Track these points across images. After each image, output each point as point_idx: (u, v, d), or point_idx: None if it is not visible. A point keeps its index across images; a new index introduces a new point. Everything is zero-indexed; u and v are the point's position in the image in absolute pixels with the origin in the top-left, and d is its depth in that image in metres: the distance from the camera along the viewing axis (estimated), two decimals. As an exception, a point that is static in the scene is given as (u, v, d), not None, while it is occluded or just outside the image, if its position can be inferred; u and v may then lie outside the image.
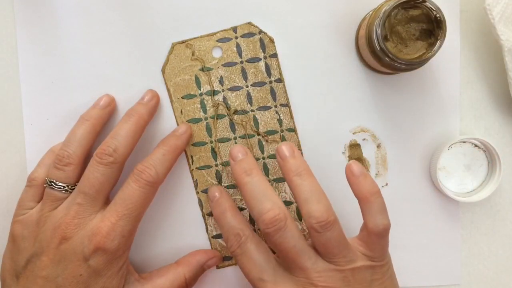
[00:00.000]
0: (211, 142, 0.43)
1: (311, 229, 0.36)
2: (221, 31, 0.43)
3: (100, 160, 0.38)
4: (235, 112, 0.43)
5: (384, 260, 0.37)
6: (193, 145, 0.43)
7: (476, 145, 0.43)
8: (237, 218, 0.39)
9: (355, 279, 0.36)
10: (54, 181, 0.39)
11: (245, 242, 0.38)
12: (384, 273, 0.37)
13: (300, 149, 0.44)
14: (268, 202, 0.36)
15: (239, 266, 0.38)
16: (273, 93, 0.43)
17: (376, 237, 0.36)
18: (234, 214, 0.39)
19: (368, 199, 0.36)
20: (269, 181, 0.44)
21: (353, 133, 0.44)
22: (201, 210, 0.44)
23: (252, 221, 0.44)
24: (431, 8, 0.37)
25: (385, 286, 0.37)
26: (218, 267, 0.45)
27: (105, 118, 0.42)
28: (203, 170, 0.44)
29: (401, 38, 0.38)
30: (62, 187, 0.39)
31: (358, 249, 0.37)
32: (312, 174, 0.37)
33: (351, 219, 0.44)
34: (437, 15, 0.37)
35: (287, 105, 0.43)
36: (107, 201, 0.40)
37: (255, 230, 0.43)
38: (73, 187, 0.39)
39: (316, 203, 0.36)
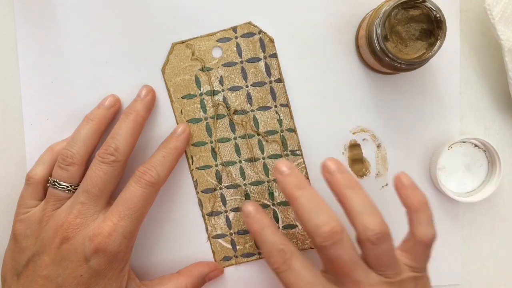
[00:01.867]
0: (211, 142, 0.43)
1: (366, 242, 0.35)
2: (221, 31, 0.43)
3: (102, 159, 0.39)
4: (235, 112, 0.43)
5: (425, 271, 0.37)
6: (193, 145, 0.44)
7: (476, 145, 0.43)
8: (278, 234, 0.38)
9: None
10: (57, 180, 0.39)
11: (290, 258, 0.36)
12: (425, 283, 0.37)
13: (300, 149, 0.44)
14: (324, 215, 0.35)
15: (284, 283, 0.36)
16: (273, 93, 0.43)
17: (423, 247, 0.36)
18: (274, 231, 0.38)
19: (418, 209, 0.36)
20: (269, 181, 0.44)
21: (353, 133, 0.44)
22: (201, 210, 0.44)
23: None
24: (431, 8, 0.37)
25: None
26: (218, 267, 0.45)
27: (110, 118, 0.42)
28: (203, 170, 0.44)
29: (401, 38, 0.38)
30: (65, 187, 0.39)
31: (402, 261, 0.37)
32: (363, 188, 0.37)
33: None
34: (437, 15, 0.37)
35: (287, 105, 0.43)
36: (109, 202, 0.40)
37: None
38: (76, 187, 0.40)
39: (372, 215, 0.35)
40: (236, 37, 0.43)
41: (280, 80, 0.43)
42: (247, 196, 0.44)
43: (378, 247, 0.35)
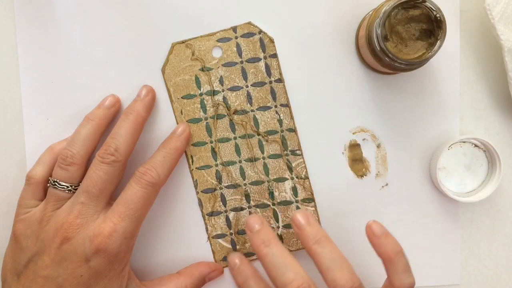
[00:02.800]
0: (211, 142, 0.43)
1: None
2: (221, 31, 0.43)
3: (102, 159, 0.39)
4: (235, 112, 0.43)
5: None
6: (193, 145, 0.44)
7: (476, 145, 0.43)
8: (260, 285, 0.39)
9: None
10: (57, 180, 0.39)
11: None
12: None
13: (300, 149, 0.44)
14: (290, 273, 0.36)
15: None
16: (273, 93, 0.43)
17: None
18: (257, 281, 0.40)
19: (393, 259, 0.37)
20: (269, 181, 0.44)
21: (353, 133, 0.44)
22: (201, 210, 0.44)
23: None
24: (431, 8, 0.37)
25: None
26: (218, 267, 0.45)
27: (110, 118, 0.42)
28: (203, 170, 0.44)
29: (401, 38, 0.38)
30: (65, 187, 0.39)
31: None
32: (331, 240, 0.37)
33: (350, 220, 0.44)
34: (437, 15, 0.37)
35: (287, 105, 0.43)
36: (110, 202, 0.40)
37: None
38: (77, 187, 0.40)
39: (340, 270, 0.36)
40: (236, 37, 0.43)
41: (280, 80, 0.43)
42: (247, 196, 0.44)
43: None
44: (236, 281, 0.41)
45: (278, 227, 0.44)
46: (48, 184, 0.40)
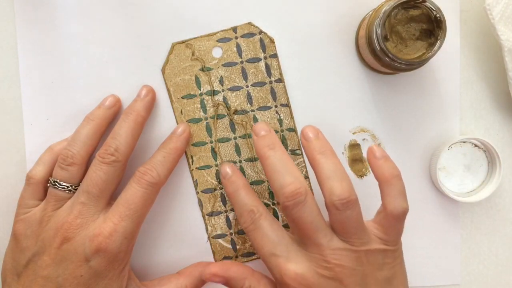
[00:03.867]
0: (211, 142, 0.43)
1: (331, 206, 0.35)
2: (221, 31, 0.43)
3: (102, 159, 0.39)
4: (235, 112, 0.43)
5: (397, 245, 0.37)
6: (193, 145, 0.44)
7: (476, 145, 0.43)
8: (250, 196, 0.39)
9: (368, 260, 0.36)
10: (57, 180, 0.39)
11: (258, 218, 0.38)
12: (396, 257, 0.37)
13: (300, 148, 0.44)
14: (290, 176, 0.36)
15: (252, 242, 0.38)
16: (273, 93, 0.43)
17: (393, 220, 0.36)
18: (247, 192, 0.39)
19: (389, 181, 0.37)
20: (267, 180, 0.44)
21: (353, 133, 0.44)
22: (201, 210, 0.44)
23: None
24: (431, 8, 0.37)
25: (395, 271, 0.37)
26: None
27: (110, 118, 0.42)
28: (203, 170, 0.44)
29: (401, 38, 0.38)
30: (65, 187, 0.39)
31: (373, 232, 0.37)
32: (336, 155, 0.37)
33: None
34: (437, 15, 0.37)
35: (287, 105, 0.43)
36: (110, 202, 0.40)
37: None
38: (77, 187, 0.40)
39: (339, 181, 0.36)
40: (236, 37, 0.43)
41: (280, 80, 0.43)
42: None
43: (343, 212, 0.35)
44: (227, 190, 0.41)
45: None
46: (48, 184, 0.40)
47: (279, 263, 0.36)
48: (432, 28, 0.38)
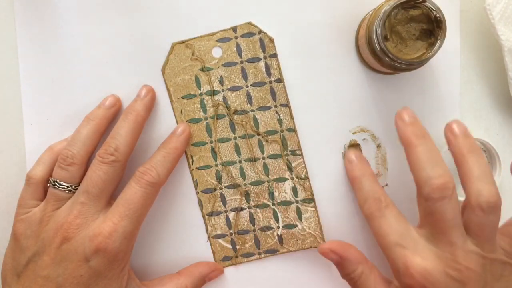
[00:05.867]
0: (211, 142, 0.44)
1: (476, 207, 0.34)
2: (221, 31, 0.43)
3: (102, 159, 0.39)
4: (235, 112, 0.43)
5: None
6: (193, 145, 0.44)
7: (476, 145, 0.43)
8: (378, 185, 0.39)
9: (490, 269, 0.35)
10: (57, 180, 0.39)
11: (386, 207, 0.37)
12: (511, 272, 0.36)
13: (300, 149, 0.44)
14: (439, 169, 0.35)
15: (374, 229, 0.37)
16: (273, 93, 0.43)
17: None
18: (374, 180, 0.39)
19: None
20: (269, 181, 0.44)
21: (353, 133, 0.44)
22: (201, 210, 0.44)
23: None
24: (431, 8, 0.37)
25: (508, 285, 0.36)
26: (218, 267, 0.45)
27: (110, 118, 0.42)
28: (203, 170, 0.44)
29: (401, 38, 0.38)
30: (65, 187, 0.39)
31: (499, 243, 0.36)
32: (485, 157, 0.37)
33: (351, 220, 0.44)
34: (437, 15, 0.37)
35: (287, 105, 0.43)
36: (110, 202, 0.40)
37: None
38: (77, 187, 0.40)
39: (490, 183, 0.35)
40: (236, 37, 0.43)
41: (280, 80, 0.43)
42: (247, 196, 0.44)
43: (486, 216, 0.34)
44: (352, 174, 0.40)
45: (278, 227, 0.44)
46: (48, 184, 0.40)
47: (405, 254, 0.35)
48: (432, 28, 0.38)
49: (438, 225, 0.35)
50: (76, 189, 0.40)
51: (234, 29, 0.43)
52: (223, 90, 0.43)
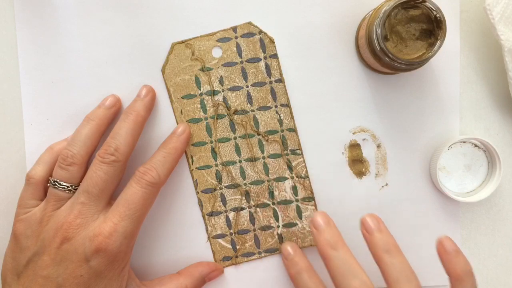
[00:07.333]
0: (211, 142, 0.43)
1: None
2: (221, 31, 0.43)
3: (102, 159, 0.39)
4: (235, 112, 0.43)
5: None
6: (193, 145, 0.44)
7: (476, 145, 0.43)
8: (314, 280, 0.39)
9: None
10: (57, 180, 0.39)
11: None
12: None
13: (300, 148, 0.44)
14: (356, 280, 0.35)
15: None
16: (273, 93, 0.43)
17: None
18: (310, 275, 0.39)
19: (462, 279, 0.35)
20: (269, 180, 0.44)
21: (353, 133, 0.44)
22: (201, 210, 0.44)
23: None
24: (431, 8, 0.37)
25: None
26: (218, 267, 0.45)
27: (110, 118, 0.42)
28: (203, 170, 0.44)
29: (401, 38, 0.38)
30: (65, 187, 0.39)
31: None
32: (401, 251, 0.36)
33: (350, 219, 0.44)
34: (437, 15, 0.37)
35: (287, 105, 0.43)
36: (110, 202, 0.40)
37: None
38: (77, 187, 0.40)
39: (407, 283, 0.35)
40: (236, 37, 0.43)
41: (280, 80, 0.43)
42: (247, 196, 0.44)
43: None
44: (289, 271, 0.40)
45: (278, 226, 0.44)
46: (48, 184, 0.40)
47: None
48: (432, 28, 0.38)
49: None
50: (76, 189, 0.40)
51: (234, 29, 0.43)
52: (223, 90, 0.43)
